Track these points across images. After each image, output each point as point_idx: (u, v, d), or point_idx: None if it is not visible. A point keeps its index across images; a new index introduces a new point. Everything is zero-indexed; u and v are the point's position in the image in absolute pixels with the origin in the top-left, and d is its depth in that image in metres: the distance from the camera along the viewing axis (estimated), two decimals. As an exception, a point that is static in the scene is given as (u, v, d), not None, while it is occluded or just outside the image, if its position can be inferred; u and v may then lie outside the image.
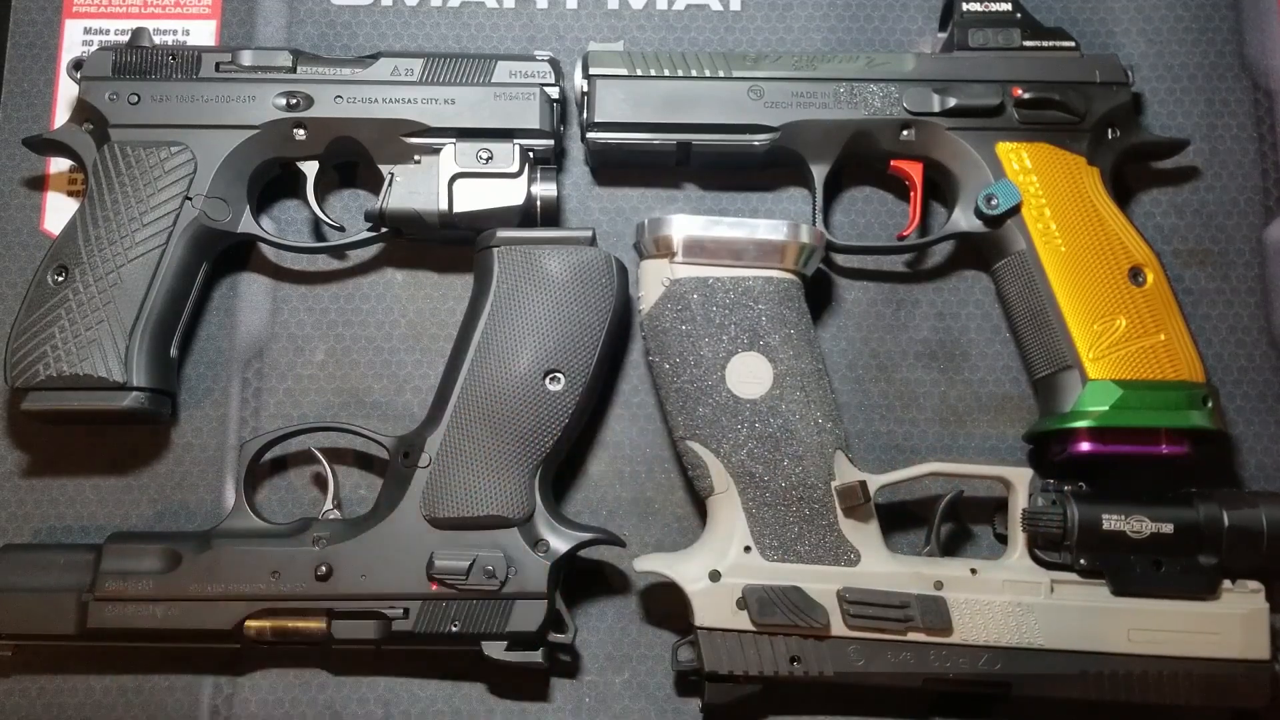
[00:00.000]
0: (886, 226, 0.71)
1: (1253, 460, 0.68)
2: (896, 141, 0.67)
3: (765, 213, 0.71)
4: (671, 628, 0.65)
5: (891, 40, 0.73)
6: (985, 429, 0.68)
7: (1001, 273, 0.67)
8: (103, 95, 0.65)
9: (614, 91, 0.66)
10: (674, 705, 0.64)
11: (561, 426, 0.62)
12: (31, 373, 0.61)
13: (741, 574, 0.60)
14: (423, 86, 0.66)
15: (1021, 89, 0.66)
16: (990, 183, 0.65)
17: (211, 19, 0.73)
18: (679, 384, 0.61)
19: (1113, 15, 0.73)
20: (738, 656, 0.59)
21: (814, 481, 0.60)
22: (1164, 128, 0.71)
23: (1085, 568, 0.60)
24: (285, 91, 0.66)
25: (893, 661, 0.59)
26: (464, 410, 0.61)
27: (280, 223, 0.70)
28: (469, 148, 0.66)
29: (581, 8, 0.73)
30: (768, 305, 0.62)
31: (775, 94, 0.67)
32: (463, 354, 0.63)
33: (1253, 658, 0.59)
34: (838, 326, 0.70)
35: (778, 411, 0.61)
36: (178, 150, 0.65)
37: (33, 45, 0.72)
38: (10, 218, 0.70)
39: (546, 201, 0.66)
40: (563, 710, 0.64)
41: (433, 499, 0.61)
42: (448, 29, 0.73)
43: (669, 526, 0.67)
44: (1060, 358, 0.63)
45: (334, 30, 0.72)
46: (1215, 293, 0.69)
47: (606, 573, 0.66)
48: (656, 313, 0.62)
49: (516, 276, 0.63)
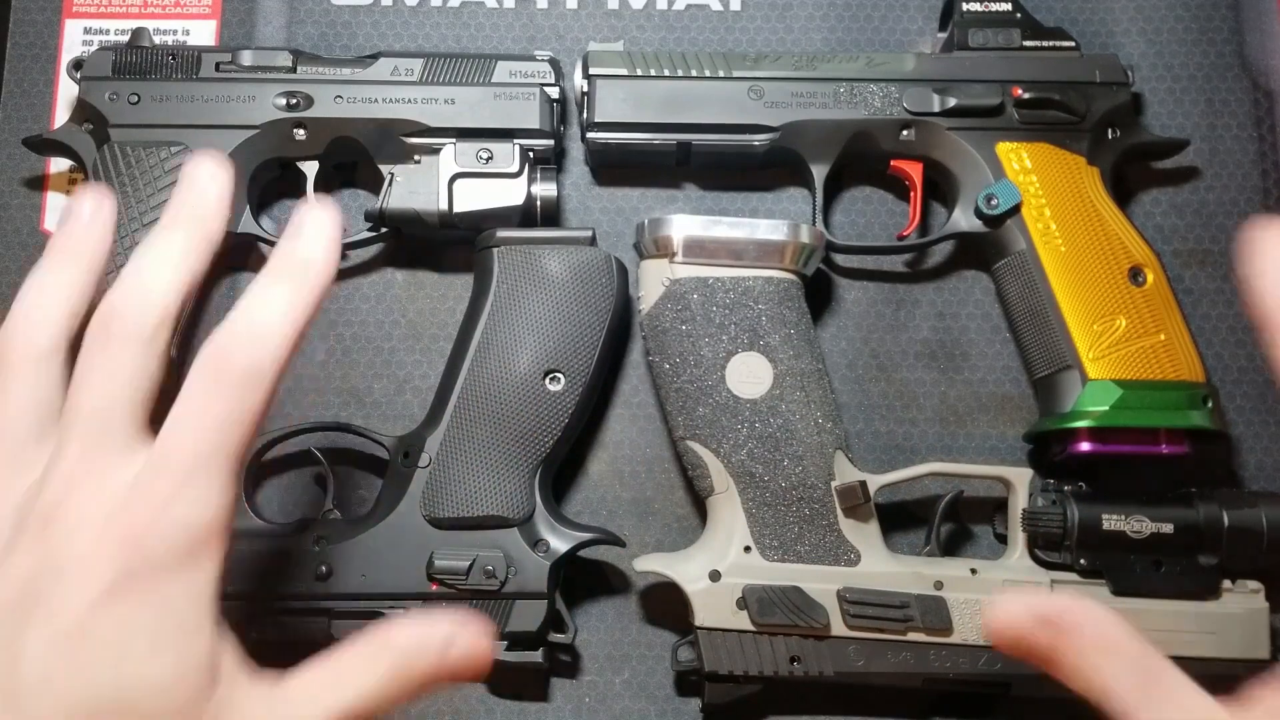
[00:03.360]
0: (886, 226, 0.71)
1: (1253, 460, 0.68)
2: (896, 141, 0.67)
3: (765, 213, 0.71)
4: (671, 628, 0.65)
5: (891, 40, 0.73)
6: (985, 429, 0.68)
7: (1001, 273, 0.67)
8: (103, 95, 0.65)
9: (614, 91, 0.67)
10: (674, 705, 0.64)
11: (561, 426, 0.62)
12: (31, 373, 0.61)
13: (741, 574, 0.60)
14: (423, 86, 0.66)
15: (1021, 89, 0.66)
16: (990, 183, 0.65)
17: (211, 19, 0.73)
18: (679, 384, 0.61)
19: (1113, 15, 0.73)
20: (738, 656, 0.59)
21: (814, 481, 0.60)
22: (1164, 128, 0.71)
23: (1085, 568, 0.60)
24: (285, 91, 0.66)
25: (893, 661, 0.59)
26: (464, 410, 0.61)
27: (280, 223, 0.70)
28: (469, 148, 0.66)
29: (581, 8, 0.73)
30: (768, 305, 0.62)
31: (775, 94, 0.67)
32: (463, 354, 0.63)
33: (1253, 657, 0.59)
34: (838, 326, 0.70)
35: (778, 411, 0.61)
36: (178, 150, 0.65)
37: (33, 45, 0.72)
38: (10, 218, 0.70)
39: (546, 201, 0.66)
40: (563, 710, 0.64)
41: (433, 499, 0.61)
42: (448, 29, 0.73)
43: (669, 526, 0.67)
44: (1060, 358, 0.63)
45: (334, 30, 0.72)
46: (1215, 293, 0.69)
47: (606, 573, 0.66)
48: (656, 313, 0.62)
49: (516, 276, 0.63)
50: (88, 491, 0.43)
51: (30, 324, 0.48)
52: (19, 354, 0.47)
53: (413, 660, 0.45)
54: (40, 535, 0.43)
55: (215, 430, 0.44)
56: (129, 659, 0.42)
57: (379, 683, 0.45)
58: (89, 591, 0.42)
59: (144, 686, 0.42)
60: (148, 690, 0.42)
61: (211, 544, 0.44)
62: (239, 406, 0.45)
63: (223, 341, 0.45)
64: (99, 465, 0.44)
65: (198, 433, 0.44)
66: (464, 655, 0.45)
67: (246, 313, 0.46)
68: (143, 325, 0.46)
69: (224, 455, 0.44)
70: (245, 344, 0.45)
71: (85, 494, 0.43)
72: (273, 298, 0.47)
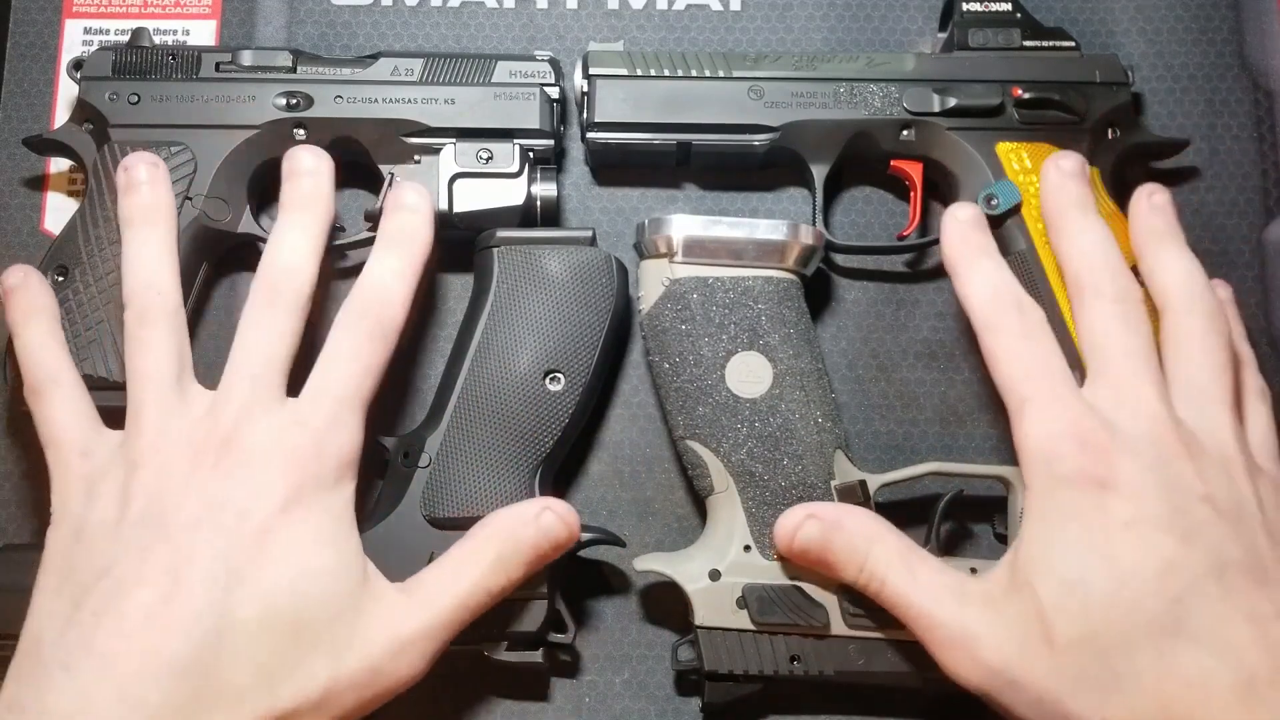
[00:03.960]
0: (886, 226, 0.71)
1: (1253, 460, 0.68)
2: (896, 141, 0.67)
3: (765, 213, 0.71)
4: (671, 627, 0.65)
5: (891, 40, 0.73)
6: (985, 429, 0.68)
7: (1001, 273, 0.67)
8: (103, 95, 0.65)
9: (614, 91, 0.67)
10: (674, 705, 0.65)
11: (561, 426, 0.62)
12: (32, 373, 0.61)
13: (741, 573, 0.60)
14: (423, 86, 0.66)
15: (1021, 89, 0.66)
16: (990, 183, 0.65)
17: (211, 19, 0.73)
18: (679, 383, 0.61)
19: (1113, 15, 0.73)
20: (738, 656, 0.59)
21: (814, 481, 0.60)
22: (1164, 128, 0.71)
23: (1085, 567, 0.60)
24: (285, 91, 0.66)
25: (893, 661, 0.59)
26: (464, 410, 0.61)
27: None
28: (469, 148, 0.66)
29: (581, 8, 0.73)
30: (768, 305, 0.62)
31: (775, 94, 0.67)
32: (463, 354, 0.63)
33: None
34: (838, 326, 0.70)
35: (777, 411, 0.61)
36: (178, 150, 0.65)
37: (33, 45, 0.72)
38: (10, 218, 0.70)
39: (546, 201, 0.66)
40: (563, 710, 0.64)
41: (433, 499, 0.61)
42: (448, 29, 0.73)
43: (669, 526, 0.67)
44: (1060, 357, 0.63)
45: (334, 30, 0.73)
46: (1215, 293, 0.69)
47: (606, 573, 0.66)
48: (656, 312, 0.62)
49: (516, 276, 0.63)
50: (259, 423, 0.53)
51: (156, 287, 0.57)
52: (155, 311, 0.56)
53: (514, 537, 0.56)
54: (220, 458, 0.52)
55: (358, 375, 0.56)
56: (306, 553, 0.52)
57: (491, 565, 0.55)
58: (270, 503, 0.52)
59: (318, 575, 0.51)
60: (320, 578, 0.51)
61: (354, 468, 0.55)
62: (374, 356, 0.56)
63: (358, 301, 0.57)
64: (265, 402, 0.54)
65: (345, 377, 0.55)
66: (556, 519, 0.56)
67: (372, 276, 0.58)
68: (296, 295, 0.57)
69: (361, 397, 0.56)
70: (376, 303, 0.57)
71: (256, 425, 0.53)
72: (390, 263, 0.59)
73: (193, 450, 0.53)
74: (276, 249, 0.58)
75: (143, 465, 0.53)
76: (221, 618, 0.49)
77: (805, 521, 0.56)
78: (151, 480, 0.52)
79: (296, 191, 0.60)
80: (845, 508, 0.57)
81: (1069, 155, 0.62)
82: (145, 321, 0.56)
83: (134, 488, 0.52)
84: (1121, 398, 0.54)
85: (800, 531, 0.55)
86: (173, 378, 0.55)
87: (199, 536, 0.51)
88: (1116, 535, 0.50)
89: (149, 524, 0.51)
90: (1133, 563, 0.50)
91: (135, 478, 0.52)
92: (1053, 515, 0.52)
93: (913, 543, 0.55)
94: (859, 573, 0.55)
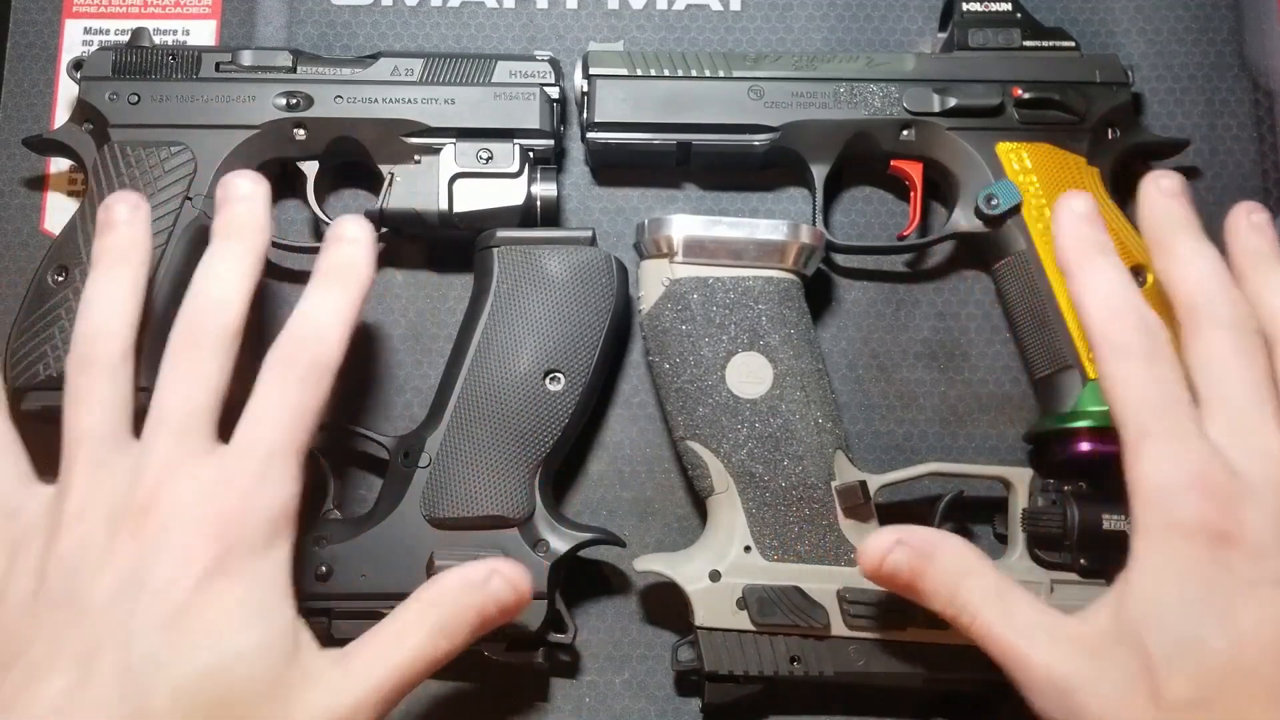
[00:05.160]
0: (886, 226, 0.71)
1: (1253, 460, 0.68)
2: (896, 141, 0.67)
3: (765, 213, 0.71)
4: (671, 628, 0.65)
5: (891, 40, 0.73)
6: (985, 429, 0.68)
7: (1001, 273, 0.67)
8: (103, 95, 0.65)
9: (614, 91, 0.67)
10: (674, 705, 0.65)
11: (561, 426, 0.62)
12: (31, 373, 0.61)
13: (741, 574, 0.60)
14: (423, 86, 0.66)
15: (1021, 89, 0.66)
16: (990, 183, 0.65)
17: (211, 19, 0.73)
18: (679, 384, 0.61)
19: (1113, 15, 0.73)
20: (738, 656, 0.59)
21: (814, 481, 0.60)
22: (1164, 128, 0.71)
23: (1086, 568, 0.60)
24: (285, 91, 0.66)
25: (893, 661, 0.59)
26: (464, 410, 0.61)
27: (280, 223, 0.70)
28: (469, 148, 0.66)
29: (581, 8, 0.73)
30: (768, 305, 0.62)
31: (775, 94, 0.67)
32: (463, 354, 0.63)
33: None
34: (838, 326, 0.70)
35: (778, 411, 0.61)
36: (178, 150, 0.65)
37: (33, 45, 0.72)
38: (10, 218, 0.70)
39: (546, 201, 0.66)
40: (563, 710, 0.64)
41: (433, 499, 0.61)
42: (448, 29, 0.73)
43: (669, 526, 0.67)
44: (1060, 358, 0.63)
45: (334, 30, 0.72)
46: (1215, 293, 0.69)
47: (606, 573, 0.66)
48: (656, 312, 0.62)
49: (516, 276, 0.63)
50: (181, 484, 0.48)
51: (105, 334, 0.52)
52: (100, 362, 0.52)
53: (458, 603, 0.51)
54: (139, 526, 0.47)
55: (289, 422, 0.50)
56: (228, 632, 0.47)
57: (432, 632, 0.50)
58: (191, 573, 0.47)
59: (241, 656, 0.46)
60: (244, 659, 0.46)
61: (289, 525, 0.50)
62: (307, 400, 0.51)
63: (288, 343, 0.52)
64: (188, 460, 0.49)
65: (274, 425, 0.50)
66: (505, 583, 0.51)
67: (305, 315, 0.53)
68: (222, 333, 0.51)
69: (296, 445, 0.50)
70: (308, 343, 0.52)
71: (179, 486, 0.48)
72: (326, 300, 0.53)
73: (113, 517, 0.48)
74: (202, 281, 0.53)
75: (64, 533, 0.48)
76: (135, 708, 0.45)
77: (895, 548, 0.52)
78: (70, 552, 0.48)
79: (228, 218, 0.54)
80: (938, 534, 0.53)
81: (1168, 174, 0.56)
82: (85, 369, 0.52)
83: (50, 563, 0.48)
84: (1244, 439, 0.50)
85: (890, 558, 0.52)
86: (108, 434, 0.51)
87: (113, 617, 0.46)
88: (1237, 594, 0.47)
89: (63, 603, 0.47)
90: (1253, 624, 0.46)
91: (54, 548, 0.48)
92: (1169, 567, 0.48)
93: (1007, 576, 0.52)
94: (948, 605, 0.51)
